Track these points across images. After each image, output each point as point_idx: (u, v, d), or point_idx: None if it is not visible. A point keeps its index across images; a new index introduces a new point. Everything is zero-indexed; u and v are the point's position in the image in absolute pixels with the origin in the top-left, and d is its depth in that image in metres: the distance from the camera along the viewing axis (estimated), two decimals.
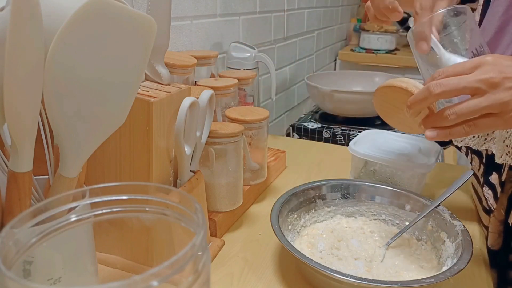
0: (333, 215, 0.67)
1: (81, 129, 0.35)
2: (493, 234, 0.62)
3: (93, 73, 0.34)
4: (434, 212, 0.60)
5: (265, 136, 0.73)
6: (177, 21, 0.87)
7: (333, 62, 2.23)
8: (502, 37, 0.57)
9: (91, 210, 0.35)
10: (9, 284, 0.23)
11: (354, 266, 0.56)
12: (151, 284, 0.23)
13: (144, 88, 0.49)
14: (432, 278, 0.46)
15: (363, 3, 2.47)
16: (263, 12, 1.26)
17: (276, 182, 0.83)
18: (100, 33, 0.32)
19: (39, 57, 0.31)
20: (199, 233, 0.28)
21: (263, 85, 1.30)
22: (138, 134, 0.47)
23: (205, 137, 0.57)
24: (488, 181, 0.64)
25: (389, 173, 0.74)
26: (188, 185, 0.54)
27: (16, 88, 0.31)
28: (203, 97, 0.54)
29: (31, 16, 0.29)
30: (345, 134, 1.28)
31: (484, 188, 0.65)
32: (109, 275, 0.53)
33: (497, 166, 0.61)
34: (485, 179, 0.65)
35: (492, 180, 0.63)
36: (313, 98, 1.40)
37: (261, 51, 0.99)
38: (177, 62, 0.60)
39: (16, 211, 0.35)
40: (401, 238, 0.61)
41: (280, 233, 0.53)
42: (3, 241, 0.27)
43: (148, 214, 0.35)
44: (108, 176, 0.50)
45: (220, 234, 0.64)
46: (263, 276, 0.55)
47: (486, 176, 0.65)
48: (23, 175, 0.34)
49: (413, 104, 0.47)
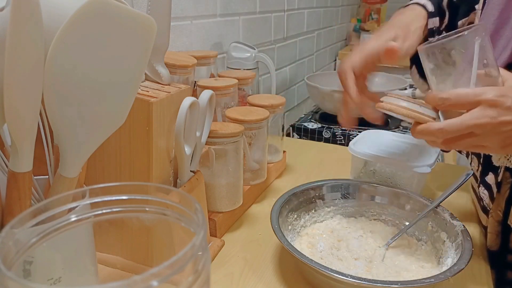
0: (333, 215, 0.67)
1: (81, 129, 0.35)
2: (491, 235, 0.62)
3: (93, 73, 0.34)
4: (434, 212, 0.60)
5: (265, 136, 0.73)
6: (177, 21, 0.87)
7: (333, 62, 2.23)
8: (498, 40, 0.56)
9: (91, 210, 0.35)
10: (9, 284, 0.23)
11: (354, 266, 0.56)
12: (151, 284, 0.23)
13: (144, 88, 0.49)
14: (432, 278, 0.46)
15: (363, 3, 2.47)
16: (263, 12, 1.26)
17: (276, 182, 0.83)
18: (100, 33, 0.32)
19: (39, 57, 0.31)
20: (199, 233, 0.28)
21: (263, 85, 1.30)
22: (138, 134, 0.47)
23: (205, 137, 0.57)
24: (485, 181, 0.64)
25: (389, 173, 0.74)
26: (188, 185, 0.54)
27: (16, 88, 0.31)
28: (203, 97, 0.54)
29: (31, 16, 0.29)
30: (345, 134, 1.28)
31: (480, 188, 0.65)
32: (109, 275, 0.53)
33: (494, 167, 0.61)
34: (482, 179, 0.65)
35: (488, 181, 0.63)
36: (313, 98, 1.40)
37: (261, 51, 0.99)
38: (177, 62, 0.60)
39: (16, 211, 0.35)
40: (401, 238, 0.61)
41: (280, 233, 0.53)
42: (3, 241, 0.27)
43: (148, 214, 0.35)
44: (108, 176, 0.50)
45: (220, 234, 0.64)
46: (263, 276, 0.55)
47: (482, 176, 0.65)
48: (23, 175, 0.34)
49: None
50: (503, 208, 0.60)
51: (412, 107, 0.51)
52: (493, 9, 0.56)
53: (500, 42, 0.56)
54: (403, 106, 0.52)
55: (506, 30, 0.55)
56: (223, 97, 0.73)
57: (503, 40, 0.56)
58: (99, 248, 0.45)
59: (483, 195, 0.64)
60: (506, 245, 0.61)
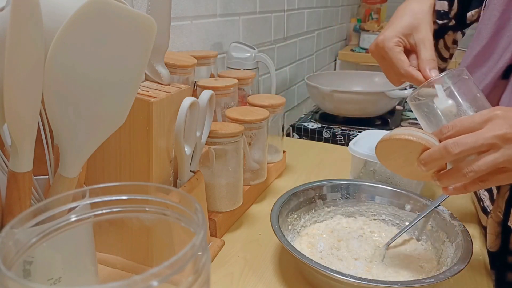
0: (333, 215, 0.67)
1: (81, 129, 0.35)
2: (491, 236, 0.62)
3: (93, 73, 0.34)
4: (434, 212, 0.60)
5: (265, 136, 0.73)
6: (177, 21, 0.87)
7: (333, 62, 2.23)
8: (499, 41, 0.56)
9: (91, 210, 0.35)
10: (9, 284, 0.23)
11: (354, 266, 0.56)
12: (151, 284, 0.23)
13: (144, 88, 0.49)
14: (432, 278, 0.46)
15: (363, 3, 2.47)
16: (263, 12, 1.26)
17: (276, 182, 0.83)
18: (100, 33, 0.32)
19: (39, 57, 0.31)
20: (199, 233, 0.28)
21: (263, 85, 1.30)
22: (138, 134, 0.47)
23: (205, 137, 0.57)
24: None
25: (389, 173, 0.74)
26: (188, 185, 0.54)
27: (16, 88, 0.31)
28: (203, 97, 0.54)
29: (31, 16, 0.29)
30: (345, 134, 1.28)
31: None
32: (109, 275, 0.53)
33: None
34: None
35: None
36: (313, 98, 1.40)
37: (261, 51, 0.99)
38: (177, 62, 0.60)
39: (16, 211, 0.35)
40: (401, 238, 0.61)
41: (280, 233, 0.53)
42: (3, 241, 0.27)
43: (148, 214, 0.35)
44: (108, 176, 0.50)
45: (220, 234, 0.64)
46: (263, 276, 0.55)
47: None
48: (23, 175, 0.34)
49: (428, 162, 0.47)
50: (503, 209, 0.60)
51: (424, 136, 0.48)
52: (493, 10, 0.56)
53: (501, 43, 0.56)
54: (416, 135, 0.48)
55: (508, 31, 0.55)
56: (223, 97, 0.73)
57: (504, 41, 0.55)
58: (99, 248, 0.45)
59: (483, 196, 0.64)
60: (506, 246, 0.61)
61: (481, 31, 0.58)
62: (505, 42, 0.55)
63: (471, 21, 0.69)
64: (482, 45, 0.57)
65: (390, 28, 0.61)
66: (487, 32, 0.57)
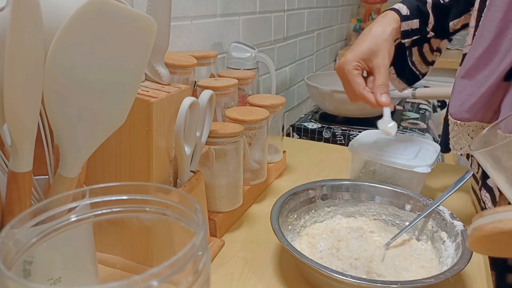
0: (333, 215, 0.67)
1: (81, 129, 0.35)
2: None
3: (93, 73, 0.34)
4: (434, 212, 0.60)
5: (265, 136, 0.73)
6: (177, 21, 0.87)
7: (333, 62, 2.23)
8: (501, 43, 0.56)
9: (91, 210, 0.35)
10: (9, 284, 0.23)
11: (354, 266, 0.56)
12: (151, 284, 0.23)
13: (144, 88, 0.49)
14: (432, 278, 0.46)
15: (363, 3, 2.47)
16: (263, 12, 1.26)
17: (276, 182, 0.83)
18: (100, 33, 0.32)
19: (39, 57, 0.31)
20: (199, 233, 0.28)
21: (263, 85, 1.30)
22: (138, 134, 0.47)
23: (205, 137, 0.57)
24: (486, 184, 0.64)
25: (389, 173, 0.74)
26: (188, 185, 0.54)
27: (16, 88, 0.31)
28: (203, 97, 0.54)
29: (31, 16, 0.29)
30: (345, 134, 1.28)
31: (482, 191, 0.65)
32: (109, 275, 0.53)
33: None
34: (483, 182, 0.65)
35: (489, 183, 0.63)
36: (313, 98, 1.40)
37: (261, 51, 0.99)
38: (177, 62, 0.60)
39: (16, 211, 0.35)
40: (401, 238, 0.61)
41: (280, 233, 0.53)
42: (3, 241, 0.27)
43: (148, 214, 0.35)
44: (108, 176, 0.50)
45: (220, 234, 0.64)
46: (263, 276, 0.55)
47: (484, 179, 0.64)
48: (23, 175, 0.34)
49: None
50: None
51: None
52: (495, 11, 0.56)
53: (504, 44, 0.56)
54: None
55: (510, 32, 0.55)
56: (223, 97, 0.73)
57: (507, 42, 0.55)
58: (99, 248, 0.45)
59: (485, 198, 0.64)
60: None
61: (483, 33, 0.58)
62: (507, 43, 0.55)
63: (455, 30, 0.72)
64: (485, 47, 0.57)
65: (352, 51, 0.68)
66: (489, 34, 0.57)
